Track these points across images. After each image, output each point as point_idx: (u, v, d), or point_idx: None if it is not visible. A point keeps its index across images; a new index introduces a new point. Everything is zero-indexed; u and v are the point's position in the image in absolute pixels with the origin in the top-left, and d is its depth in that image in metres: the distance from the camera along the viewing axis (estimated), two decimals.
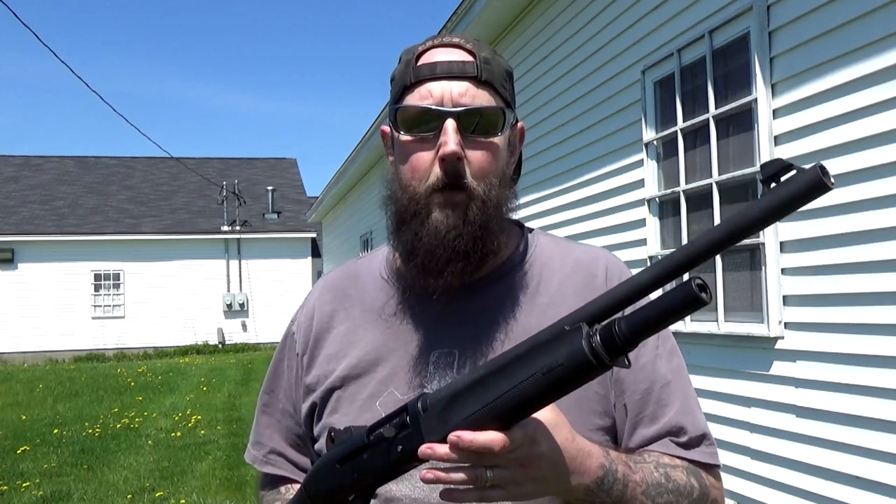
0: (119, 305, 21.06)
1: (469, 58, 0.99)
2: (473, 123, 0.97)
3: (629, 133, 4.82)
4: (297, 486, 1.12)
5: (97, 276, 20.93)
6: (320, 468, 0.90)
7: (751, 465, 3.76)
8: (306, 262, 22.43)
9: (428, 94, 0.97)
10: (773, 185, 0.69)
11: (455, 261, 0.96)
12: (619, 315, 0.74)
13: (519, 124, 1.08)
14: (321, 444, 1.06)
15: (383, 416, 0.97)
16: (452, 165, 0.95)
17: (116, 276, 21.04)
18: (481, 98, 0.98)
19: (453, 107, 0.96)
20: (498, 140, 1.00)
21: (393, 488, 0.98)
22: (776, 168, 0.69)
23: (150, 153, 33.48)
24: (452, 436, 0.74)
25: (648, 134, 4.60)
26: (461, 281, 0.99)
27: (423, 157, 0.98)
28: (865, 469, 3.08)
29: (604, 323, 0.74)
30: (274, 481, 1.16)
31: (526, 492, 0.78)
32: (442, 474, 0.76)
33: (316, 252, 22.79)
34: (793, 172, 0.68)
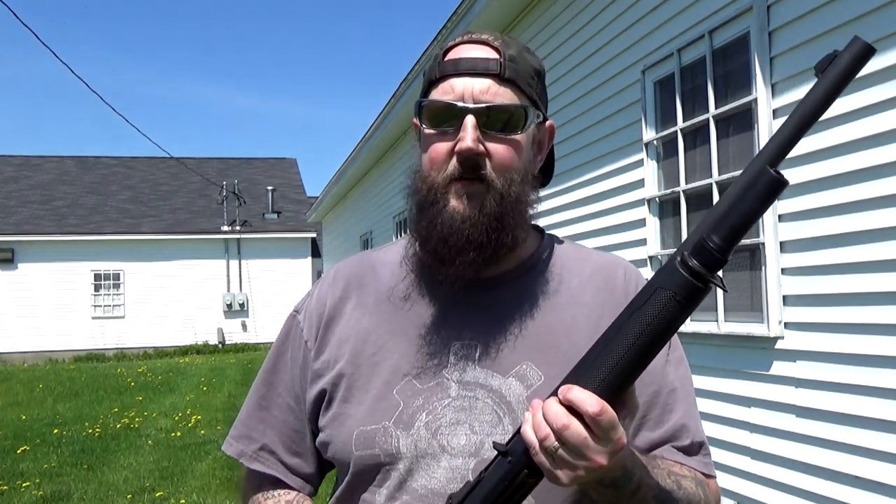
0: (119, 305, 21.06)
1: (493, 55, 0.99)
2: (494, 120, 0.98)
3: (629, 133, 4.82)
4: (296, 495, 1.09)
5: (97, 276, 20.94)
6: None
7: (751, 465, 3.76)
8: (306, 262, 22.43)
9: (450, 90, 0.98)
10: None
11: (467, 250, 0.96)
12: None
13: (548, 123, 1.08)
14: (327, 435, 1.04)
15: (402, 405, 0.99)
16: (468, 160, 0.96)
17: (116, 276, 21.05)
18: (503, 96, 0.98)
19: (474, 103, 0.97)
20: (520, 137, 1.00)
21: (407, 479, 0.98)
22: (828, 60, 0.70)
23: (150, 153, 33.44)
24: (563, 387, 0.78)
25: (648, 134, 4.60)
26: (473, 271, 0.99)
27: (441, 149, 0.99)
28: (865, 469, 3.08)
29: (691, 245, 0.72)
30: (261, 482, 1.11)
31: (566, 478, 0.78)
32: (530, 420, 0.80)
33: (316, 252, 22.79)
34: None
